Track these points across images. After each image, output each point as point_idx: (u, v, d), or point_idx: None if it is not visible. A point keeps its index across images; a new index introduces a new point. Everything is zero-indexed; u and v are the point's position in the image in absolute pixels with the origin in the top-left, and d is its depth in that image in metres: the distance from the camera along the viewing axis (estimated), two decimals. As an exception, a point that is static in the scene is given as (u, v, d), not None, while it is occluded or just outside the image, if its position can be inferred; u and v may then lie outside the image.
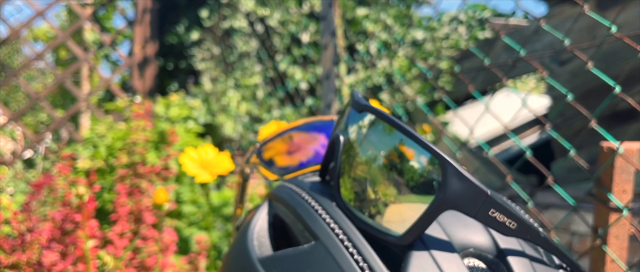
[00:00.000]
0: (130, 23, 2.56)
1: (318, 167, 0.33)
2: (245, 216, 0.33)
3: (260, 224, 0.28)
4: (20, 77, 2.39)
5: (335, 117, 0.35)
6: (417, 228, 0.22)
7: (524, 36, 2.39)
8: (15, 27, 2.39)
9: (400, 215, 0.23)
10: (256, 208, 0.29)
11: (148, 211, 0.89)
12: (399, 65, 2.79)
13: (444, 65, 2.76)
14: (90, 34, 3.03)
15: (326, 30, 1.14)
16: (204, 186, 1.87)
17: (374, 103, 0.33)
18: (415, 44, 2.98)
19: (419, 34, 2.99)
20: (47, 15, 2.41)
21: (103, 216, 1.07)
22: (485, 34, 3.01)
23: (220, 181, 2.10)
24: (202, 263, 0.94)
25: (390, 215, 0.24)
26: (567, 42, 0.78)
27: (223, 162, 0.59)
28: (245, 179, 0.35)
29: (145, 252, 0.87)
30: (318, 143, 0.34)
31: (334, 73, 1.13)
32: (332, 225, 0.23)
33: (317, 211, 0.25)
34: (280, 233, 0.28)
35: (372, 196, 0.25)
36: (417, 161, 0.22)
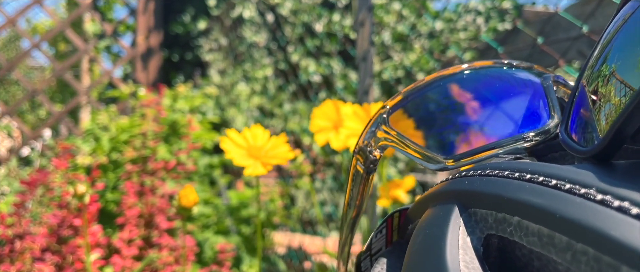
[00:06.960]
0: (133, 12, 2.42)
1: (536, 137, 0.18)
2: (373, 240, 0.18)
3: (464, 259, 0.13)
4: (17, 69, 2.24)
5: (522, 63, 0.20)
6: None
7: (554, 24, 2.25)
8: (11, 15, 2.25)
9: None
10: (429, 223, 0.14)
11: (161, 213, 0.75)
12: (416, 58, 2.66)
13: (467, 56, 2.62)
14: (90, 25, 2.88)
15: (363, 5, 1.00)
16: (214, 184, 1.69)
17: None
18: (432, 35, 2.84)
19: (436, 25, 2.85)
20: (44, 3, 2.26)
21: (107, 219, 0.92)
22: (505, 26, 2.87)
23: (232, 178, 1.95)
24: (224, 275, 0.80)
25: None
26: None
27: (278, 148, 0.43)
28: (368, 170, 0.19)
29: (159, 262, 0.73)
30: (514, 101, 0.19)
31: (371, 54, 0.99)
32: None
33: None
34: None
35: None
36: None
